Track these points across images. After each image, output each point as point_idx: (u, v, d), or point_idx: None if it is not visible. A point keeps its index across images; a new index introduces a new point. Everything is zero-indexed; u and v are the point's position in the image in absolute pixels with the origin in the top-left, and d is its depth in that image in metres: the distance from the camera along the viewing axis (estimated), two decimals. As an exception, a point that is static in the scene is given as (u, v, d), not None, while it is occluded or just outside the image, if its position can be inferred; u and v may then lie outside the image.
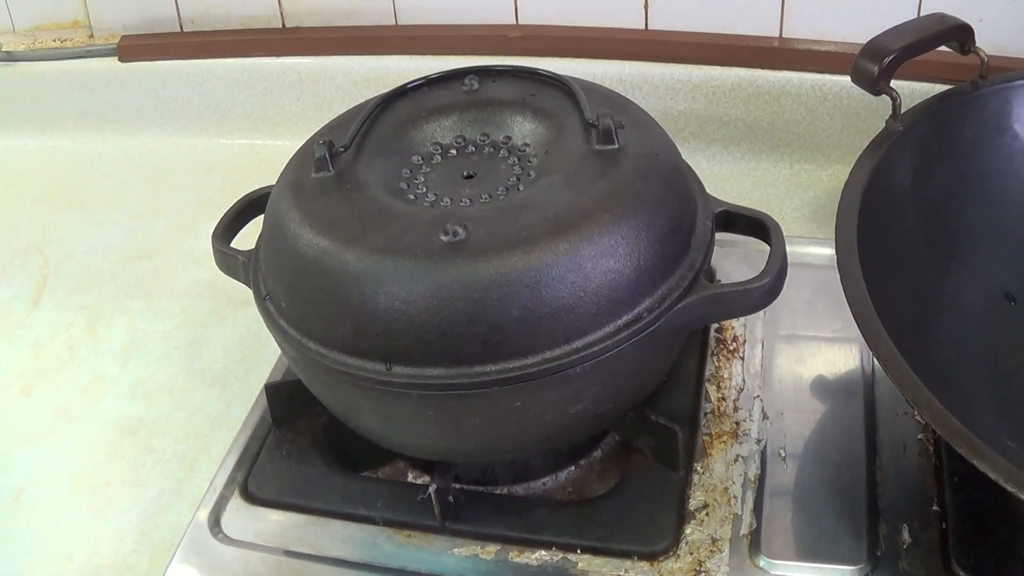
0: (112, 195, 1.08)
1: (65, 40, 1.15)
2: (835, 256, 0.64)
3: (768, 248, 0.65)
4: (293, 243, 0.62)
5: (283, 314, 0.64)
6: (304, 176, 0.66)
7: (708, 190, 0.70)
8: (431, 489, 0.65)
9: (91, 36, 1.15)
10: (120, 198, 1.07)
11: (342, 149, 0.67)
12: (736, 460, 0.69)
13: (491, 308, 0.56)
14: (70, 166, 1.13)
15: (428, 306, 0.57)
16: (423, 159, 0.68)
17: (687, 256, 0.63)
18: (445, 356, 0.57)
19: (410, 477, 0.71)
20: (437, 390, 0.58)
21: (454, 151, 0.69)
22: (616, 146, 0.64)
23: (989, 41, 0.77)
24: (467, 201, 0.64)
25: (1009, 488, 0.49)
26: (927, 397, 0.54)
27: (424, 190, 0.65)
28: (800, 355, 0.76)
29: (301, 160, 0.68)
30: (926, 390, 0.54)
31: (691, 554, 0.63)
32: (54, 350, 0.88)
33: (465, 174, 0.66)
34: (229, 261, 0.72)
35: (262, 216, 0.70)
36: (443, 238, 0.58)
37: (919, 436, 0.68)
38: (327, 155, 0.65)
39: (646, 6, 0.98)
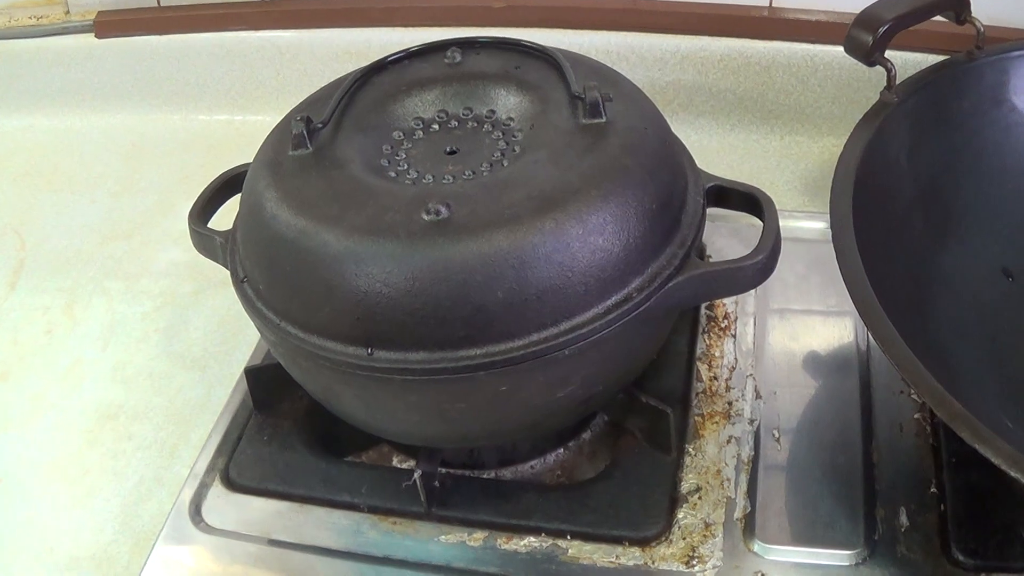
0: (90, 174, 1.06)
1: (41, 17, 1.13)
2: (828, 230, 0.62)
3: (760, 223, 0.63)
4: (270, 224, 0.60)
5: (261, 297, 0.62)
6: (281, 154, 0.64)
7: (697, 163, 0.68)
8: (416, 474, 0.63)
9: (67, 13, 1.12)
10: (98, 177, 1.05)
11: (320, 125, 0.65)
12: (729, 441, 0.67)
13: (475, 290, 0.55)
14: (47, 145, 1.11)
15: (410, 288, 0.55)
16: (404, 135, 0.66)
17: (677, 233, 0.61)
18: (428, 340, 0.56)
19: (395, 462, 0.70)
20: (420, 375, 0.56)
21: (436, 126, 0.67)
22: (603, 120, 0.62)
23: (985, 11, 0.75)
24: (450, 178, 0.62)
25: (1012, 474, 0.48)
26: (927, 380, 0.53)
27: (405, 167, 0.64)
28: (793, 331, 0.75)
29: (278, 137, 0.66)
30: (926, 372, 0.53)
31: (684, 539, 0.62)
32: (32, 335, 0.86)
33: (448, 150, 0.64)
34: (206, 242, 0.70)
35: (240, 195, 0.68)
36: (425, 217, 0.56)
37: (916, 415, 0.67)
38: (305, 132, 0.63)
39: (633, -25, 0.96)
